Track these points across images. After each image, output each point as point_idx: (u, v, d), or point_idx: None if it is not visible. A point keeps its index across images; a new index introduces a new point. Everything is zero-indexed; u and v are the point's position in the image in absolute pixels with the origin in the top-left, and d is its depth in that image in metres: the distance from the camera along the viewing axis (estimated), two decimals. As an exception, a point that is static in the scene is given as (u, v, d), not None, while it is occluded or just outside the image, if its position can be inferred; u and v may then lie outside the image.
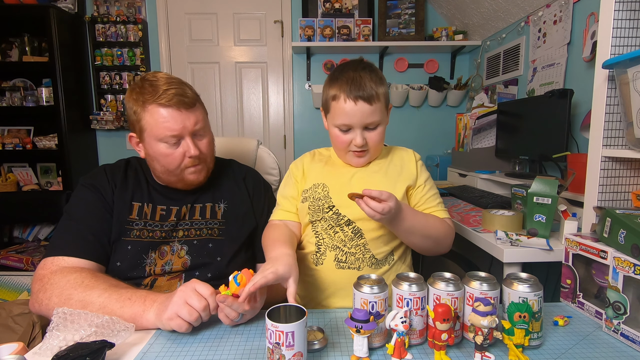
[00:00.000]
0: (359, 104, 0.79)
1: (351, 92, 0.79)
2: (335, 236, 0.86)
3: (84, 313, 0.67)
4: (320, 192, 0.88)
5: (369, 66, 0.85)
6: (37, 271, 0.79)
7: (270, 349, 0.55)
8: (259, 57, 2.76)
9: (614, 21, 0.83)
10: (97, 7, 2.64)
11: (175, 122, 0.83)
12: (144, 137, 0.86)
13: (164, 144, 0.84)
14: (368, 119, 0.81)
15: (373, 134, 0.84)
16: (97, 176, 0.91)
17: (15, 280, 2.33)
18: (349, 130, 0.83)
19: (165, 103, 0.81)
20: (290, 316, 0.60)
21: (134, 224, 0.87)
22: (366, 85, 0.79)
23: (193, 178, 0.90)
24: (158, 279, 0.86)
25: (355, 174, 0.90)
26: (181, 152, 0.85)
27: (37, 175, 2.69)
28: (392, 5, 2.58)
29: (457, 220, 1.30)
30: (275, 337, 0.54)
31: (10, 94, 2.50)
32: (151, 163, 0.90)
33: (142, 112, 0.83)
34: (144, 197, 0.91)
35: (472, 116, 2.14)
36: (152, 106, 0.82)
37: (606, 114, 0.85)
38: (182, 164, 0.87)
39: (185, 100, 0.84)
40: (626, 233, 0.66)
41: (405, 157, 0.94)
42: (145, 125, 0.84)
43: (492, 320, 0.56)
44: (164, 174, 0.89)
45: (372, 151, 0.87)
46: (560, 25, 1.69)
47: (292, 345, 0.54)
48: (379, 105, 0.81)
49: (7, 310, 1.38)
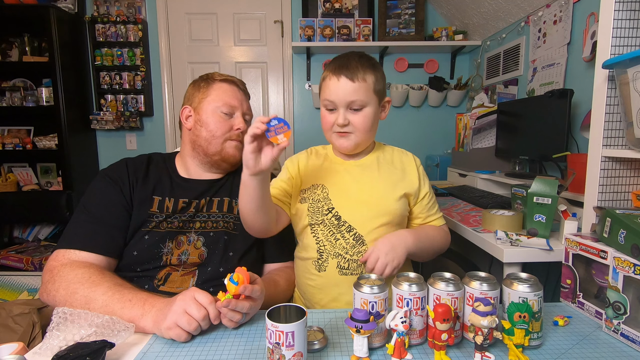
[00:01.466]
0: (342, 80, 0.80)
1: (335, 70, 0.82)
2: (336, 243, 0.85)
3: (84, 313, 0.67)
4: (320, 193, 0.87)
5: (365, 55, 0.86)
6: (49, 262, 0.81)
7: (270, 349, 0.55)
8: (259, 57, 2.76)
9: (614, 21, 0.83)
10: (97, 7, 2.64)
11: (236, 96, 0.98)
12: (202, 105, 0.97)
13: (220, 112, 0.96)
14: (350, 97, 0.81)
15: (356, 115, 0.83)
16: (118, 169, 0.93)
17: (15, 280, 2.33)
18: (334, 110, 0.84)
19: (231, 79, 1.00)
20: (290, 316, 0.60)
21: (154, 217, 0.89)
22: (351, 64, 0.81)
23: (231, 152, 0.97)
24: (172, 274, 0.87)
25: (353, 172, 0.89)
26: (231, 123, 0.97)
27: (37, 175, 2.69)
28: (392, 5, 2.58)
29: (457, 220, 1.30)
30: (276, 337, 0.54)
31: (10, 94, 2.50)
32: (198, 131, 0.96)
33: (207, 87, 0.98)
34: (166, 191, 0.93)
35: (472, 116, 2.14)
36: (219, 82, 0.98)
37: (606, 114, 0.85)
38: (228, 134, 0.96)
39: (245, 87, 1.03)
40: (626, 233, 0.66)
41: (406, 161, 0.94)
42: (207, 94, 0.97)
43: (492, 320, 0.56)
44: (206, 142, 0.95)
45: (357, 134, 0.85)
46: (560, 25, 1.69)
47: (292, 345, 0.54)
48: (363, 85, 0.81)
49: (7, 310, 1.38)
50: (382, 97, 0.87)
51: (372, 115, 0.84)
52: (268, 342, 0.55)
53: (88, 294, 0.72)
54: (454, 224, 1.31)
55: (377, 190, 0.87)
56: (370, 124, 0.85)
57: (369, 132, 0.86)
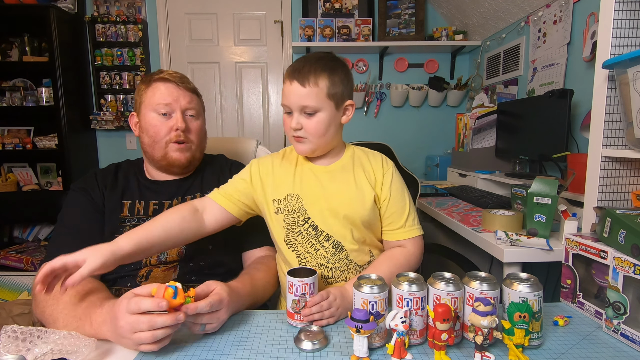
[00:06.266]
0: (294, 84, 0.79)
1: (289, 74, 0.80)
2: (317, 254, 0.83)
3: (37, 330, 0.60)
4: (295, 204, 0.84)
5: (326, 56, 0.82)
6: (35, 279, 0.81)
7: (296, 300, 0.69)
8: (259, 57, 2.76)
9: (614, 21, 0.83)
10: (97, 7, 2.64)
11: (171, 94, 0.92)
12: (141, 109, 0.94)
13: (155, 114, 0.92)
14: (302, 102, 0.79)
15: (309, 121, 0.80)
16: (87, 180, 0.95)
17: (15, 280, 2.33)
18: (291, 114, 0.82)
19: (167, 77, 0.94)
20: (304, 274, 0.72)
21: (126, 221, 0.89)
22: (304, 68, 0.79)
23: (176, 157, 0.93)
24: (153, 270, 0.87)
25: (323, 180, 0.85)
26: (170, 124, 0.92)
27: (37, 175, 2.69)
28: (392, 5, 2.58)
29: (457, 220, 1.30)
30: (302, 289, 0.69)
31: (10, 94, 2.50)
32: (142, 138, 0.95)
33: (145, 88, 0.94)
34: (135, 195, 0.94)
35: (472, 116, 2.14)
36: (155, 82, 0.93)
37: (606, 114, 0.85)
38: (168, 137, 0.92)
39: (186, 83, 0.95)
40: (626, 233, 0.66)
41: (373, 162, 0.89)
42: (144, 97, 0.93)
43: (492, 320, 0.56)
44: (150, 148, 0.94)
45: (311, 139, 0.81)
46: (560, 25, 1.69)
47: (313, 293, 0.70)
48: (314, 90, 0.78)
49: (7, 310, 1.38)
50: (339, 101, 0.82)
51: (326, 121, 0.80)
52: (294, 295, 0.69)
53: (52, 312, 0.70)
54: (454, 224, 1.31)
55: (347, 198, 0.83)
56: (323, 129, 0.81)
57: (324, 137, 0.82)
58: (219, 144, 1.27)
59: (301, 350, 0.63)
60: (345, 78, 0.82)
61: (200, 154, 1.00)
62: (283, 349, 0.63)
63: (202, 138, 0.99)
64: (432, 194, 1.84)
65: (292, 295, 0.70)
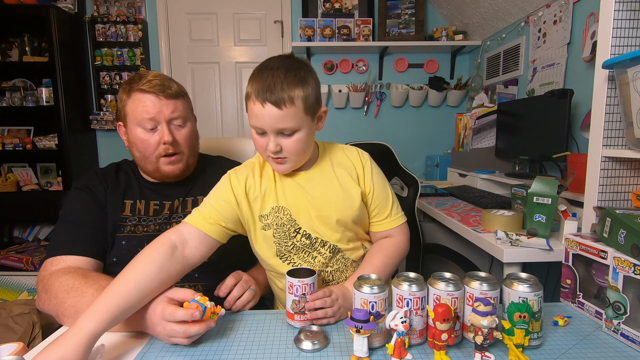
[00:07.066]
0: (267, 107, 0.70)
1: (259, 94, 0.71)
2: (315, 261, 0.81)
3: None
4: (283, 216, 0.80)
5: (292, 64, 0.74)
6: (40, 272, 0.81)
7: (296, 300, 0.69)
8: (259, 57, 2.76)
9: (614, 21, 0.83)
10: (97, 7, 2.64)
11: (153, 106, 0.88)
12: (127, 122, 0.91)
13: (141, 129, 0.89)
14: (279, 124, 0.72)
15: (288, 141, 0.74)
16: (89, 178, 0.94)
17: (15, 280, 2.33)
18: (265, 134, 0.75)
19: (146, 89, 0.87)
20: (302, 274, 0.72)
21: (127, 220, 0.89)
22: (276, 87, 0.70)
23: (168, 170, 0.92)
24: None
25: (305, 186, 0.82)
26: (157, 138, 0.89)
27: (37, 175, 2.69)
28: (392, 5, 2.58)
29: (457, 220, 1.30)
30: (302, 289, 0.69)
31: (10, 94, 2.50)
32: (132, 152, 0.94)
33: (127, 98, 0.89)
34: (136, 195, 0.93)
35: (472, 116, 2.14)
36: (135, 93, 0.88)
37: (606, 114, 0.85)
38: (157, 152, 0.90)
39: (167, 90, 0.89)
40: (626, 233, 0.66)
41: (351, 157, 0.87)
42: (127, 110, 0.90)
43: (492, 320, 0.56)
44: (142, 162, 0.93)
45: (292, 158, 0.77)
46: (560, 25, 1.69)
47: (312, 293, 0.70)
48: (292, 110, 0.71)
49: (7, 310, 1.38)
50: (315, 111, 0.77)
51: (306, 137, 0.75)
52: (294, 295, 0.69)
53: (75, 303, 0.71)
54: (454, 224, 1.31)
55: (335, 203, 0.81)
56: (304, 147, 0.76)
57: (305, 153, 0.79)
58: (218, 144, 1.27)
59: (301, 350, 0.63)
60: (314, 83, 0.76)
61: (194, 159, 0.99)
62: (283, 349, 0.63)
63: (193, 143, 0.97)
64: (432, 194, 1.84)
65: (292, 296, 0.70)
